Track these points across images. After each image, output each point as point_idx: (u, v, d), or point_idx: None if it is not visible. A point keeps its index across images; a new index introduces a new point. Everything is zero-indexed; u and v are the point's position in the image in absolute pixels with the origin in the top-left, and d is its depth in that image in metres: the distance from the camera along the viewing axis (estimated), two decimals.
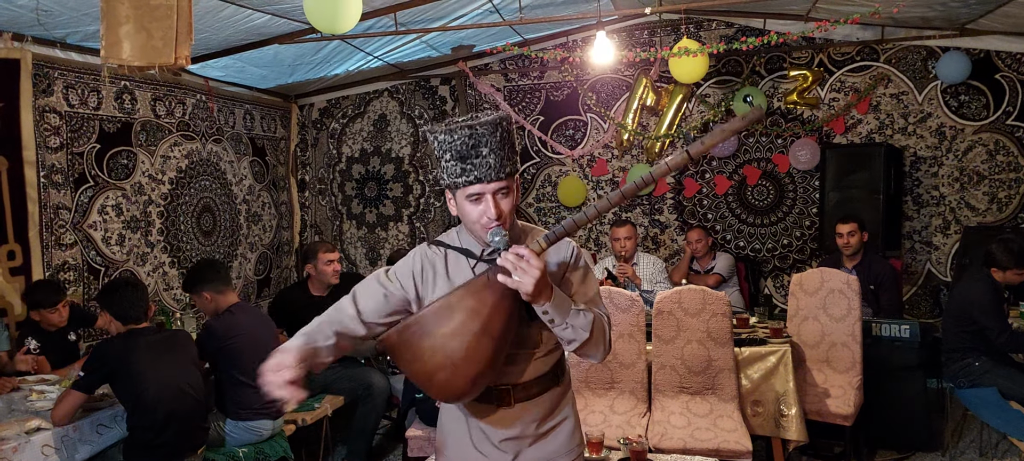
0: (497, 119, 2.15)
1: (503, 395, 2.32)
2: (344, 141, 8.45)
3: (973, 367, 4.74)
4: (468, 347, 2.09)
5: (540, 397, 2.36)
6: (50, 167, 5.39)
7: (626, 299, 4.59)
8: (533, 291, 2.04)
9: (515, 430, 2.35)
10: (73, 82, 5.55)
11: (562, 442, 2.41)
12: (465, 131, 2.12)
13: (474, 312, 2.10)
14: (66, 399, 3.69)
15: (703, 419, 4.34)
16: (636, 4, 6.42)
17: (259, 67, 6.83)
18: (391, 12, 5.63)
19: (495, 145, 2.14)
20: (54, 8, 4.70)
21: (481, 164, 2.13)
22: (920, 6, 5.73)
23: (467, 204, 2.18)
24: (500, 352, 2.16)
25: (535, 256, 2.04)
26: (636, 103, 7.42)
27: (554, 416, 2.41)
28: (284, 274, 8.22)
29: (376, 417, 5.34)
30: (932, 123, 6.85)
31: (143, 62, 3.64)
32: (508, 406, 2.33)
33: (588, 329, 2.17)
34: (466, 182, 2.15)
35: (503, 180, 2.16)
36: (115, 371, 3.77)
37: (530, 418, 2.35)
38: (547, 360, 2.35)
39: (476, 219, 2.18)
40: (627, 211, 7.67)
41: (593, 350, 2.24)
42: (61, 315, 4.76)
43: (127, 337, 3.90)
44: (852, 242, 5.73)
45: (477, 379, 2.15)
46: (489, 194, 2.15)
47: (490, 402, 2.33)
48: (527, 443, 2.37)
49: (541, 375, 2.34)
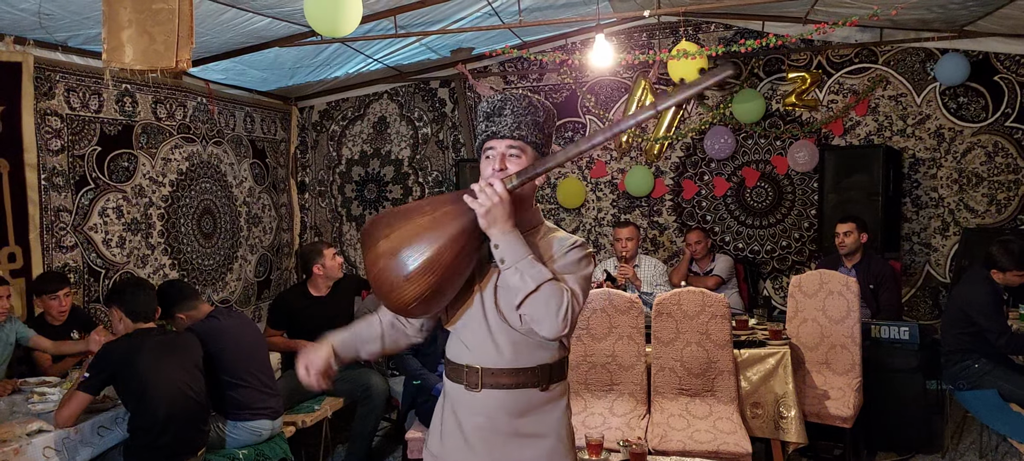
0: (531, 96, 2.29)
1: (471, 375, 2.28)
2: (344, 143, 8.47)
3: (973, 369, 4.75)
4: (418, 248, 2.11)
5: (512, 391, 2.26)
6: (51, 169, 5.41)
7: (625, 301, 4.60)
8: (488, 215, 2.10)
9: (482, 419, 2.28)
10: (74, 85, 5.56)
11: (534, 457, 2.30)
12: (498, 96, 2.29)
13: (438, 221, 2.14)
14: (71, 401, 3.70)
15: (702, 421, 4.35)
16: (635, 7, 6.43)
17: (259, 70, 6.84)
18: (391, 15, 5.64)
19: (519, 110, 2.24)
20: (56, 11, 4.71)
21: (499, 121, 2.24)
22: (919, 8, 5.74)
23: (484, 162, 2.28)
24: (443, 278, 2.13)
25: (502, 185, 2.12)
26: (635, 105, 7.43)
27: (531, 421, 2.30)
28: (284, 276, 8.23)
29: (375, 419, 5.34)
30: (931, 125, 6.86)
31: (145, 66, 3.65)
32: (475, 389, 2.27)
33: (537, 280, 2.11)
34: (484, 138, 2.27)
35: (514, 140, 2.23)
36: (120, 371, 3.78)
37: (499, 411, 2.27)
38: (529, 351, 2.26)
39: (487, 175, 2.23)
40: (627, 212, 7.69)
41: (541, 312, 2.13)
42: (62, 304, 4.81)
43: (133, 337, 3.92)
44: (847, 242, 5.74)
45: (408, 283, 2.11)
46: (499, 149, 2.24)
47: (459, 381, 2.31)
48: (499, 440, 2.28)
49: (519, 367, 2.26)
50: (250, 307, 7.57)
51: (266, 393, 4.46)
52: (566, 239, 2.30)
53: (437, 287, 2.13)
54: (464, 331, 2.32)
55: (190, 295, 4.50)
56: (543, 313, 2.12)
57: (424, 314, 2.27)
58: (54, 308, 4.79)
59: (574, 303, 2.15)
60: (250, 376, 4.41)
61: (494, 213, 2.10)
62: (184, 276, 6.57)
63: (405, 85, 8.17)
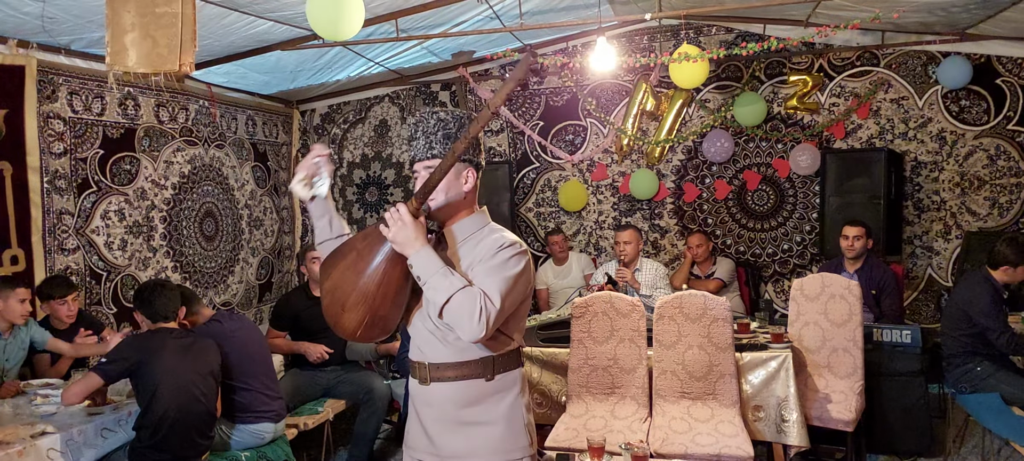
0: (439, 111, 2.48)
1: (421, 370, 2.48)
2: (345, 146, 8.47)
3: (974, 372, 4.75)
4: (346, 281, 2.37)
5: (454, 383, 2.43)
6: (54, 172, 5.41)
7: (627, 304, 4.60)
8: (396, 240, 2.30)
9: (434, 411, 2.47)
10: (77, 88, 5.57)
11: (484, 443, 2.45)
12: (412, 119, 2.51)
13: (362, 253, 2.37)
14: (84, 379, 3.71)
15: (704, 424, 4.35)
16: (636, 10, 6.43)
17: (261, 73, 6.85)
18: (392, 18, 5.65)
19: (429, 130, 2.44)
20: (59, 15, 4.72)
21: (415, 145, 2.47)
22: (921, 11, 5.75)
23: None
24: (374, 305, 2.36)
25: (407, 211, 2.31)
26: (636, 108, 7.43)
27: (477, 411, 2.45)
28: (286, 278, 8.24)
29: (377, 421, 5.34)
30: (933, 128, 6.87)
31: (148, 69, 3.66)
32: (425, 383, 2.47)
33: (449, 292, 2.26)
34: (412, 158, 2.50)
35: (431, 159, 2.42)
36: (139, 366, 3.78)
37: (446, 402, 2.45)
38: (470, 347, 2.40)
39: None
40: (628, 216, 7.69)
41: (457, 319, 2.28)
42: (70, 309, 4.80)
43: (156, 335, 3.93)
44: (857, 246, 5.73)
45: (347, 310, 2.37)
46: (420, 170, 2.46)
47: (415, 376, 2.51)
48: (447, 427, 2.46)
49: (462, 361, 2.42)
50: (251, 310, 7.58)
51: (269, 396, 4.46)
52: (501, 240, 2.41)
53: (372, 314, 2.37)
54: (415, 332, 2.54)
55: (189, 300, 4.49)
56: (459, 319, 2.28)
57: (372, 338, 2.45)
58: (62, 312, 4.78)
59: (488, 305, 2.27)
60: (253, 379, 4.41)
61: (401, 236, 2.30)
62: (186, 279, 6.57)
63: (406, 88, 8.18)
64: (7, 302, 4.45)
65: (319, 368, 5.43)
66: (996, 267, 4.82)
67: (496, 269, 2.34)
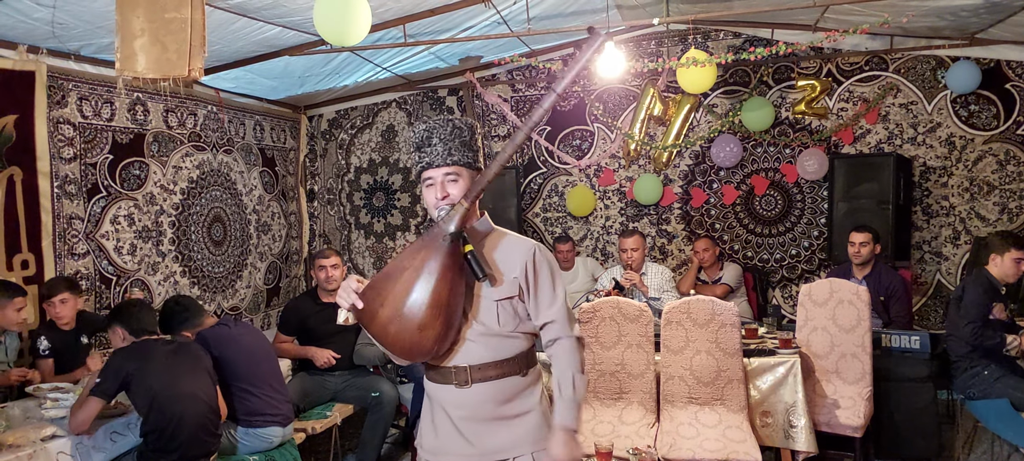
0: (453, 118, 2.49)
1: (461, 374, 2.47)
2: (352, 151, 8.49)
3: (982, 376, 4.73)
4: (413, 300, 2.32)
5: (498, 381, 2.48)
6: (63, 177, 5.44)
7: (635, 309, 4.60)
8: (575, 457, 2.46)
9: (469, 412, 2.49)
10: (87, 94, 5.60)
11: (525, 433, 2.53)
12: (422, 126, 2.49)
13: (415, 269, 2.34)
14: (84, 406, 3.72)
15: (712, 429, 4.34)
16: (644, 15, 6.44)
17: (269, 78, 6.87)
18: (400, 24, 5.67)
19: (446, 136, 2.45)
20: (69, 21, 4.74)
21: (431, 151, 2.45)
22: (929, 16, 5.74)
23: (424, 189, 2.51)
24: (449, 312, 2.36)
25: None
26: (643, 113, 7.43)
27: (516, 404, 2.52)
28: (293, 283, 8.25)
29: (385, 426, 5.35)
30: (941, 133, 6.85)
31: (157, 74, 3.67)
32: (466, 386, 2.47)
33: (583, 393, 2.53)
34: (421, 168, 2.48)
35: (450, 166, 2.44)
36: (132, 376, 3.80)
37: (486, 401, 2.48)
38: (508, 345, 2.50)
39: (431, 202, 2.48)
40: (635, 221, 7.69)
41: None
42: (65, 308, 4.81)
43: (142, 344, 3.95)
44: (864, 252, 5.73)
45: (423, 328, 2.33)
46: (438, 178, 2.45)
47: (449, 382, 2.49)
48: (483, 425, 2.49)
49: (501, 359, 2.48)
50: (259, 315, 7.59)
51: (277, 399, 4.47)
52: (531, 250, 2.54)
53: (447, 321, 2.38)
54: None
55: (195, 313, 4.49)
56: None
57: (443, 348, 2.46)
58: (55, 313, 4.80)
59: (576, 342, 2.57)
60: (261, 382, 4.43)
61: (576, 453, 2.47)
62: (194, 283, 6.59)
63: (413, 93, 8.20)
64: (4, 311, 4.48)
65: (327, 372, 5.44)
66: (987, 261, 4.83)
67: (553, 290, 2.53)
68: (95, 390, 3.73)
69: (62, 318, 4.82)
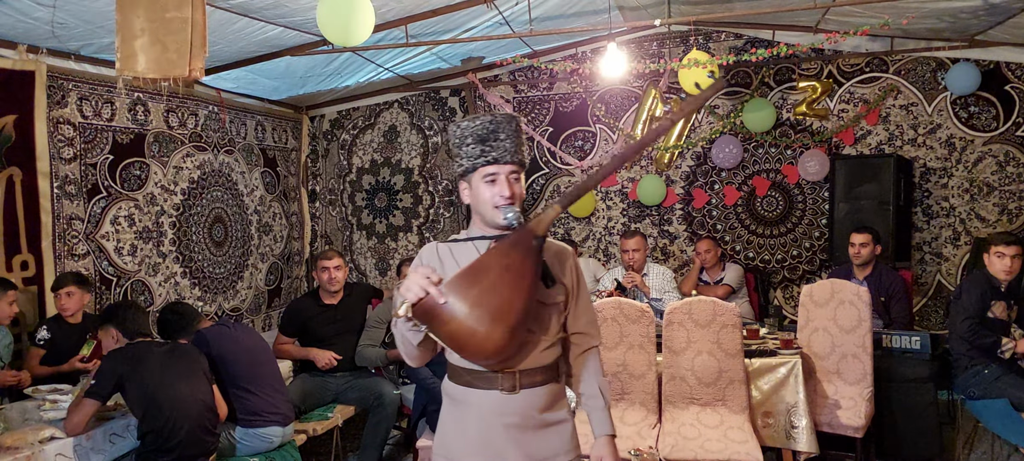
0: (513, 115, 2.43)
1: (510, 379, 2.39)
2: (354, 152, 8.49)
3: (983, 375, 4.73)
4: (503, 301, 2.18)
5: (542, 387, 2.43)
6: (63, 178, 5.43)
7: (636, 310, 4.59)
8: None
9: (518, 418, 2.41)
10: (87, 94, 5.59)
11: (564, 441, 2.49)
12: (486, 118, 2.38)
13: (506, 269, 2.21)
14: (79, 408, 3.71)
15: (713, 430, 4.34)
16: (645, 16, 6.44)
17: (271, 79, 6.87)
18: (402, 24, 5.67)
19: (514, 133, 2.38)
20: (69, 20, 4.74)
21: (499, 146, 2.36)
22: (929, 18, 5.74)
23: (483, 185, 2.37)
24: (529, 309, 2.26)
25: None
26: (645, 114, 7.43)
27: (554, 411, 2.48)
28: (295, 284, 8.25)
29: (387, 427, 5.34)
30: (942, 134, 6.85)
31: (158, 74, 3.66)
32: (514, 391, 2.39)
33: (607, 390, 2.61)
34: (485, 162, 2.35)
35: (516, 165, 2.38)
36: (126, 378, 3.79)
37: (532, 407, 2.41)
38: (552, 351, 2.46)
39: (490, 199, 2.36)
40: (637, 221, 7.68)
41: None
42: (71, 301, 4.85)
43: (136, 346, 3.94)
44: (864, 253, 5.72)
45: (513, 332, 2.22)
46: (503, 174, 2.35)
47: (495, 387, 2.40)
48: (529, 433, 2.42)
49: (546, 365, 2.44)
50: (260, 315, 7.59)
51: (277, 400, 4.47)
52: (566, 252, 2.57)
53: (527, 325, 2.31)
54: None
55: (190, 320, 4.49)
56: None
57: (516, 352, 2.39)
58: (61, 304, 4.85)
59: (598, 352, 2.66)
60: (260, 382, 4.42)
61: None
62: (195, 284, 6.58)
63: (415, 94, 8.19)
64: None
65: (329, 374, 5.43)
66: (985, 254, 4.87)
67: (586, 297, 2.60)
68: (89, 392, 3.73)
69: (67, 310, 4.85)
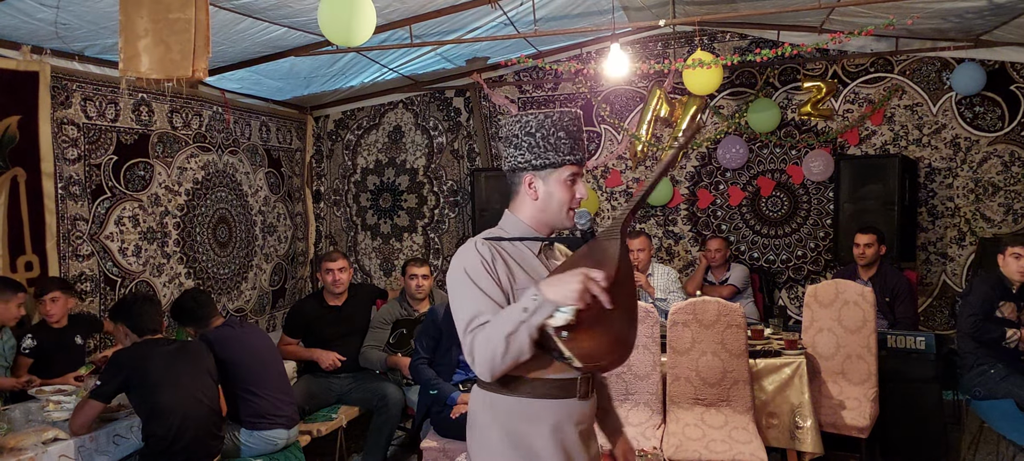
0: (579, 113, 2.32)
1: (583, 384, 2.26)
2: (359, 152, 8.49)
3: (989, 374, 4.72)
4: (632, 307, 2.16)
5: (594, 393, 2.35)
6: (68, 178, 5.44)
7: (641, 310, 4.58)
8: None
9: (587, 424, 2.32)
10: (91, 94, 5.60)
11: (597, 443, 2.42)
12: (568, 112, 2.25)
13: (628, 275, 2.17)
14: (84, 408, 3.71)
15: (718, 430, 4.33)
16: (650, 16, 6.43)
17: (275, 79, 6.87)
18: (406, 25, 5.66)
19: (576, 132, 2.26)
20: (73, 21, 4.74)
21: (580, 148, 2.26)
22: (935, 17, 5.72)
23: (559, 186, 2.26)
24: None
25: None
26: (650, 114, 7.42)
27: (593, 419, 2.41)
28: (299, 285, 8.25)
29: (391, 428, 5.34)
30: (947, 134, 6.83)
31: (161, 75, 3.67)
32: (586, 398, 2.28)
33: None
34: (573, 160, 2.24)
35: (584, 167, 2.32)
36: (131, 379, 3.79)
37: (590, 413, 2.34)
38: None
39: (568, 201, 2.27)
40: (641, 222, 7.67)
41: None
42: (56, 307, 4.82)
43: (142, 346, 3.94)
44: (869, 253, 5.71)
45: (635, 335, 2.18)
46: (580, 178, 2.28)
47: (572, 394, 2.24)
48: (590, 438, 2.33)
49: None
50: (264, 316, 7.59)
51: (281, 401, 4.46)
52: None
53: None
54: None
55: (206, 311, 4.49)
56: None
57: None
58: (49, 312, 4.83)
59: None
60: (266, 384, 4.41)
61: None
62: (199, 285, 6.58)
63: (420, 94, 8.19)
64: (7, 305, 4.51)
65: (333, 374, 5.44)
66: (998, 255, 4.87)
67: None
68: (94, 392, 3.73)
69: (52, 316, 4.84)
